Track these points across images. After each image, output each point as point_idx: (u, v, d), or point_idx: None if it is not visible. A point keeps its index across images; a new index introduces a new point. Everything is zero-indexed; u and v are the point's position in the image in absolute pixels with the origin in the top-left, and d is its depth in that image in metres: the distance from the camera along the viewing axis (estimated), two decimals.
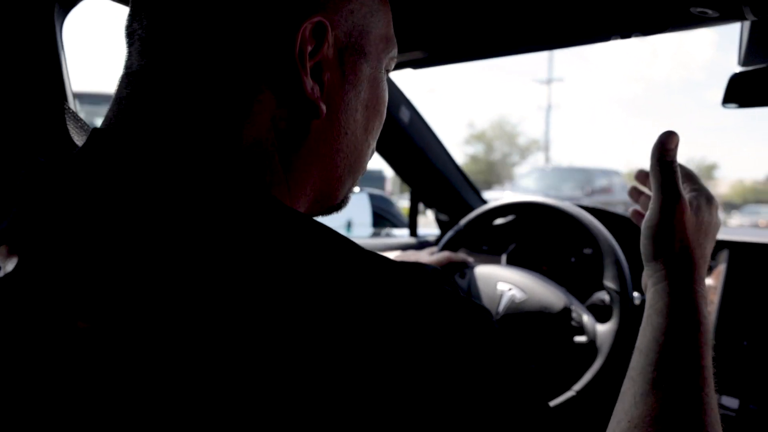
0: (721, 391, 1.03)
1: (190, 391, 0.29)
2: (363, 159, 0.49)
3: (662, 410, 0.46)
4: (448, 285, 0.37)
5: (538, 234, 1.39)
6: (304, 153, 0.43)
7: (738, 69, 0.95)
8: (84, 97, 4.37)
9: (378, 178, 10.31)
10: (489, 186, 20.54)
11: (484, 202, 1.61)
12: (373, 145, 0.50)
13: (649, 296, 0.57)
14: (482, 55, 1.04)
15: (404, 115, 1.34)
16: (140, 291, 0.31)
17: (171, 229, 0.33)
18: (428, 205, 1.64)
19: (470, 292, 1.12)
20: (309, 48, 0.40)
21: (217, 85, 0.39)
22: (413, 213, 1.65)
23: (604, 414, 0.57)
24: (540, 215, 1.36)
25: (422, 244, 1.62)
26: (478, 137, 26.55)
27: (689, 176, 0.63)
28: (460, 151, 26.86)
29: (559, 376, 0.94)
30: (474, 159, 26.31)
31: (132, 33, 0.41)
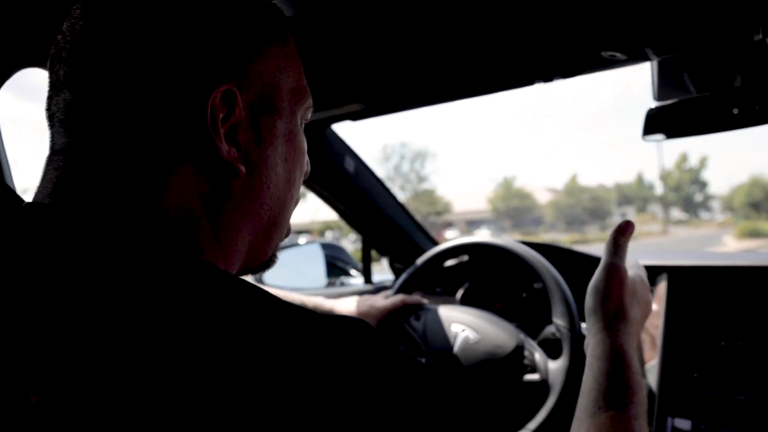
0: (673, 414, 1.05)
1: None
2: (287, 210, 0.51)
3: None
4: (375, 333, 0.38)
5: (489, 272, 1.41)
6: (229, 212, 0.44)
7: (654, 104, 1.02)
8: None
9: None
10: None
11: (435, 244, 1.64)
12: (297, 195, 0.52)
13: (590, 345, 0.67)
14: (417, 104, 1.09)
15: (349, 165, 1.37)
16: (83, 363, 0.32)
17: (106, 303, 0.34)
18: (381, 253, 1.66)
19: (425, 334, 1.12)
20: (221, 114, 0.42)
21: (136, 158, 0.40)
22: (366, 260, 1.65)
23: None
24: (489, 255, 1.39)
25: (378, 290, 1.62)
26: None
27: (636, 264, 0.78)
28: None
29: (513, 416, 0.94)
30: None
31: (52, 115, 0.42)
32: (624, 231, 0.73)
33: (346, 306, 1.20)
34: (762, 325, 1.03)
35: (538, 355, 0.99)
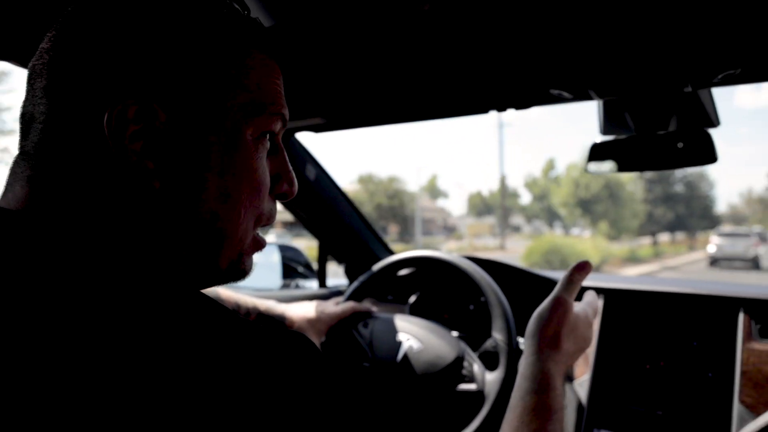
0: (599, 426, 1.13)
1: None
2: (237, 226, 0.48)
3: None
4: (310, 346, 0.41)
5: (439, 284, 1.47)
6: (163, 225, 0.45)
7: (599, 138, 1.10)
8: None
9: None
10: None
11: (391, 253, 1.68)
12: (253, 211, 0.49)
13: (522, 364, 0.73)
14: (376, 122, 1.13)
15: (310, 172, 1.40)
16: (37, 368, 0.33)
17: (62, 304, 0.35)
18: (338, 260, 1.69)
19: (372, 342, 1.17)
20: (133, 127, 0.43)
21: (75, 171, 0.43)
22: (322, 264, 1.69)
23: None
24: (438, 268, 1.45)
25: (332, 294, 1.65)
26: None
27: (589, 302, 0.83)
28: None
29: (449, 424, 1.00)
30: None
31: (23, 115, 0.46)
32: (581, 269, 0.78)
33: (297, 311, 1.23)
34: (684, 348, 1.12)
35: (477, 367, 1.05)
